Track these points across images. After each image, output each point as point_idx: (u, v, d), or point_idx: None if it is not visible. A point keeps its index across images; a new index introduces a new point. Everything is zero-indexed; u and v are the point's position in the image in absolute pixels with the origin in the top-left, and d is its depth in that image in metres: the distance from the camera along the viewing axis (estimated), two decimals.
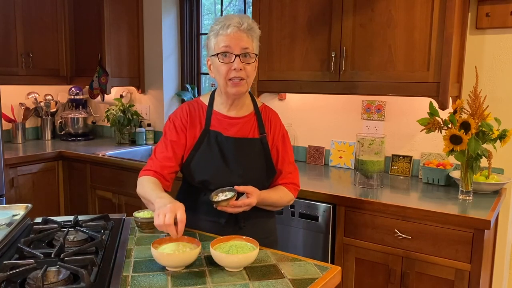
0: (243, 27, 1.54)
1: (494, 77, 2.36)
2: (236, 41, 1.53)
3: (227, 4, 3.60)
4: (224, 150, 1.63)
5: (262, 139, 1.67)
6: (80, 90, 3.85)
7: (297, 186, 1.74)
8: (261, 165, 1.66)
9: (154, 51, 3.60)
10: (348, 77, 2.36)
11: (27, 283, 1.12)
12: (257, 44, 1.61)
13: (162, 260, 1.28)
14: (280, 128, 1.73)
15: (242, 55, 1.54)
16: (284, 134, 1.74)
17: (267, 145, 1.67)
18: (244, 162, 1.63)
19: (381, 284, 2.08)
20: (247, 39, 1.55)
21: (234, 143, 1.63)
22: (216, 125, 1.65)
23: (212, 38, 1.57)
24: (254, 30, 1.58)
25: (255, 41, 1.59)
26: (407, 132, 2.59)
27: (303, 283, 1.21)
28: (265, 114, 1.72)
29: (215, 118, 1.66)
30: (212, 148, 1.63)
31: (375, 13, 2.25)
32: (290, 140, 1.77)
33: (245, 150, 1.64)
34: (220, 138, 1.63)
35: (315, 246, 2.23)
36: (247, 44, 1.55)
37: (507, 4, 2.25)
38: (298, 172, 1.76)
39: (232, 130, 1.65)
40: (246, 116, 1.68)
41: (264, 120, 1.70)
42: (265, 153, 1.67)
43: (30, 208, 1.65)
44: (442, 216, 1.89)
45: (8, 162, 2.92)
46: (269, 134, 1.69)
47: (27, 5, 3.31)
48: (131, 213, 1.65)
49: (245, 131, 1.66)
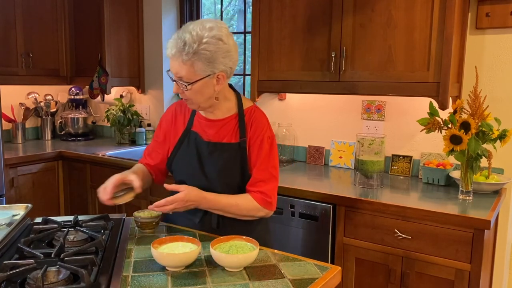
0: (182, 53, 1.44)
1: (494, 77, 2.36)
2: (172, 67, 1.51)
3: (227, 4, 3.60)
4: (200, 152, 1.63)
5: (241, 143, 1.60)
6: (80, 90, 3.85)
7: (266, 196, 1.57)
8: (236, 170, 1.60)
9: (154, 51, 3.60)
10: (348, 77, 2.36)
11: (27, 283, 1.13)
12: (202, 66, 1.46)
13: (162, 260, 1.28)
14: (261, 132, 1.61)
15: (178, 80, 1.51)
16: (263, 139, 1.60)
17: (245, 150, 1.60)
18: (218, 166, 1.60)
19: (381, 284, 2.08)
20: (182, 66, 1.46)
21: (208, 146, 1.61)
22: (197, 126, 1.66)
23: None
24: (197, 54, 1.44)
25: (198, 64, 1.45)
26: (407, 132, 2.59)
27: (303, 283, 1.21)
28: (249, 116, 1.63)
29: (197, 119, 1.68)
30: (191, 149, 1.64)
31: (375, 13, 2.25)
32: (273, 147, 1.63)
33: (219, 155, 1.60)
34: (198, 139, 1.64)
35: (315, 246, 2.23)
36: (181, 72, 1.48)
37: (507, 4, 2.25)
38: (274, 183, 1.61)
39: (210, 133, 1.64)
40: (225, 119, 1.63)
41: (246, 123, 1.62)
42: (241, 158, 1.59)
43: (30, 208, 1.65)
44: (442, 216, 1.89)
45: (8, 162, 2.92)
46: (247, 137, 1.61)
47: (27, 5, 3.30)
48: (131, 213, 1.65)
49: (223, 134, 1.62)
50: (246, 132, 1.61)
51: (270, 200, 1.59)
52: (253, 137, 1.61)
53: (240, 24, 3.58)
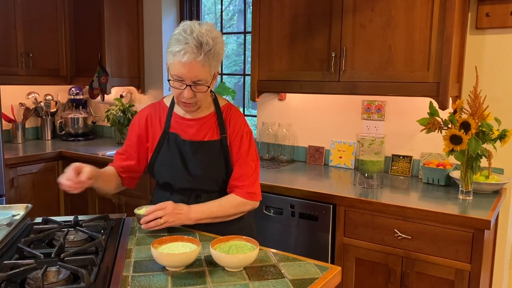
0: (201, 55, 1.45)
1: (494, 77, 2.35)
2: (190, 72, 1.47)
3: (227, 4, 3.60)
4: (183, 152, 1.63)
5: (222, 140, 1.65)
6: (80, 90, 3.85)
7: (248, 188, 1.63)
8: (220, 166, 1.64)
9: (154, 51, 3.60)
10: (348, 77, 2.36)
11: (27, 283, 1.13)
12: (215, 64, 1.52)
13: (162, 260, 1.28)
14: (239, 128, 1.66)
15: (193, 84, 1.50)
16: (243, 135, 1.66)
17: (227, 146, 1.65)
18: (203, 164, 1.62)
19: (381, 284, 2.08)
20: (202, 69, 1.47)
21: (191, 146, 1.63)
22: (175, 127, 1.67)
23: (170, 55, 1.50)
24: (212, 53, 1.47)
25: (213, 63, 1.50)
26: (407, 132, 2.59)
27: (303, 283, 1.21)
28: (226, 113, 1.68)
29: (174, 120, 1.67)
30: (172, 150, 1.65)
31: (375, 13, 2.25)
32: (252, 141, 1.69)
33: (203, 153, 1.63)
34: (178, 140, 1.64)
35: (315, 246, 2.23)
36: (201, 75, 1.48)
37: (507, 4, 2.25)
38: (254, 175, 1.66)
39: (190, 132, 1.65)
40: (204, 117, 1.66)
41: (224, 120, 1.66)
42: (224, 154, 1.64)
43: (30, 208, 1.65)
44: (442, 216, 1.89)
45: (8, 162, 2.92)
46: (227, 134, 1.66)
47: (27, 5, 3.31)
48: (131, 213, 1.65)
49: (203, 132, 1.65)
50: (226, 128, 1.66)
51: (252, 191, 1.64)
52: (232, 134, 1.66)
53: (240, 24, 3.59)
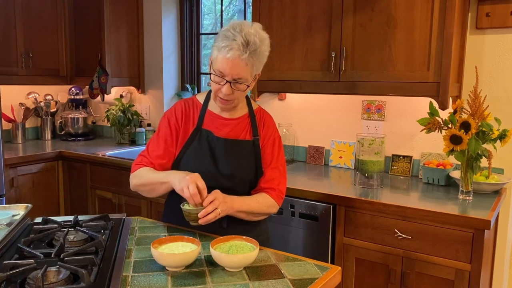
0: (246, 53, 1.46)
1: (494, 77, 2.35)
2: (232, 69, 1.48)
3: (227, 4, 3.60)
4: (214, 149, 1.63)
5: (254, 141, 1.67)
6: (80, 90, 3.85)
7: (280, 192, 1.66)
8: (250, 167, 1.65)
9: (154, 51, 3.60)
10: (348, 77, 2.36)
11: (27, 283, 1.12)
12: (259, 65, 1.54)
13: (162, 260, 1.28)
14: (272, 131, 1.71)
15: (233, 82, 1.51)
16: (275, 139, 1.70)
17: (258, 148, 1.67)
18: (234, 163, 1.62)
19: (381, 284, 2.08)
20: (244, 67, 1.48)
21: (224, 143, 1.63)
22: (209, 124, 1.66)
23: (215, 50, 1.51)
24: (257, 53, 1.49)
25: (256, 64, 1.51)
26: (407, 132, 2.59)
27: (303, 283, 1.21)
28: (260, 116, 1.71)
29: (208, 117, 1.67)
30: (203, 146, 1.63)
31: (375, 13, 2.25)
32: (281, 147, 1.73)
33: (235, 152, 1.63)
34: (211, 137, 1.64)
35: (315, 246, 2.23)
36: (242, 73, 1.49)
37: (507, 4, 2.25)
38: (284, 179, 1.70)
39: (224, 130, 1.65)
40: (239, 117, 1.68)
41: (258, 123, 1.70)
42: (255, 155, 1.66)
43: (30, 208, 1.65)
44: (442, 216, 1.89)
45: (8, 162, 2.92)
46: (260, 136, 1.68)
47: (27, 5, 3.30)
48: (131, 213, 1.65)
49: (237, 132, 1.66)
50: (259, 131, 1.69)
51: (282, 196, 1.68)
52: (265, 137, 1.69)
53: None
